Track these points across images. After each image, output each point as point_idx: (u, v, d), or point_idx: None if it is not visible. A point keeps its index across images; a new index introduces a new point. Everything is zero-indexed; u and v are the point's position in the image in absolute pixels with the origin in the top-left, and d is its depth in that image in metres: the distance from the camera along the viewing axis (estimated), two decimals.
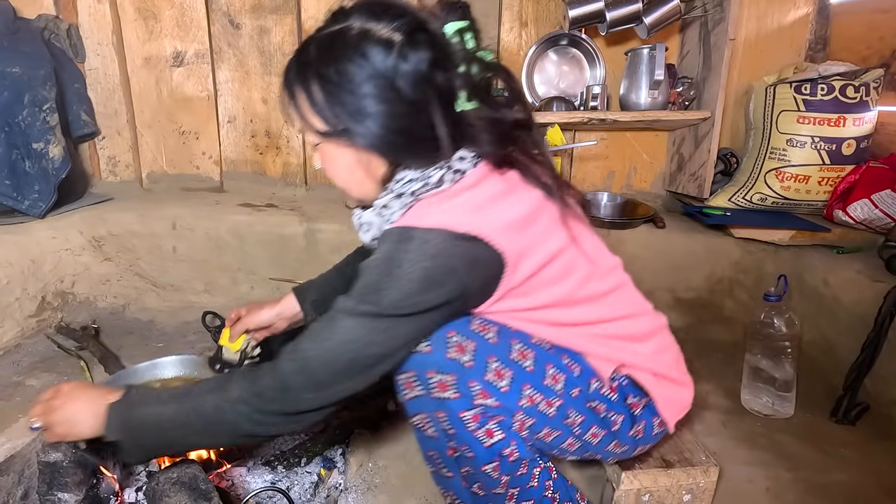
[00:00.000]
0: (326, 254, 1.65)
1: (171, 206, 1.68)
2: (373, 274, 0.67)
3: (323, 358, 0.66)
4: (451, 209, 0.70)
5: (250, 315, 1.05)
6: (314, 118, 0.70)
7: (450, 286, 0.66)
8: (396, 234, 0.69)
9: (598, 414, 0.80)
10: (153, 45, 1.76)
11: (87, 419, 0.72)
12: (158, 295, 1.68)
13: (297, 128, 0.81)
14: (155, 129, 1.84)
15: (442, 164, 0.72)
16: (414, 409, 0.74)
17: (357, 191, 0.77)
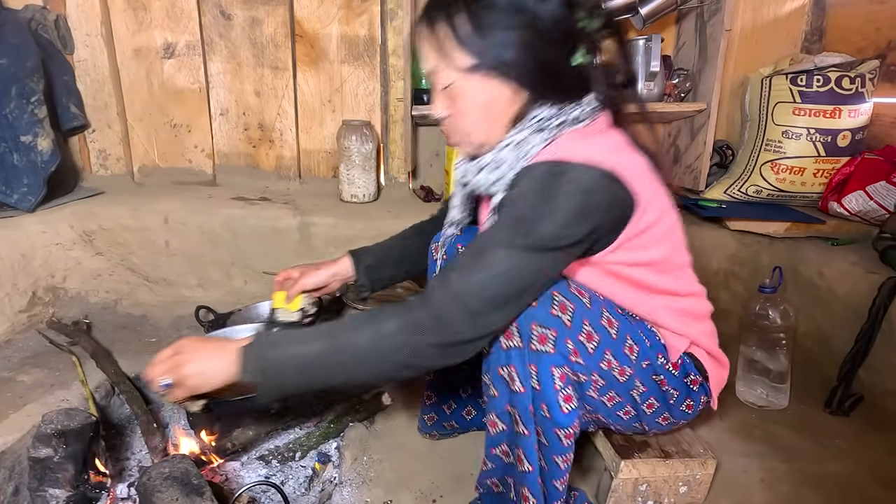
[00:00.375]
0: (321, 247, 1.64)
1: (163, 200, 1.66)
2: (527, 205, 0.69)
3: (476, 288, 0.67)
4: (595, 147, 0.73)
5: (306, 276, 1.07)
6: (457, 52, 0.72)
7: (594, 222, 0.70)
8: (547, 168, 0.70)
9: (661, 387, 0.84)
10: (143, 36, 1.74)
11: (220, 366, 0.71)
12: (151, 289, 1.66)
13: (426, 68, 0.77)
14: (146, 121, 1.82)
15: (576, 104, 0.75)
16: (504, 360, 0.76)
17: (485, 132, 0.77)
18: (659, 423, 0.89)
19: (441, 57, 0.74)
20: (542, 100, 0.75)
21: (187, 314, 1.56)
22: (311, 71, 1.81)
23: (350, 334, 0.70)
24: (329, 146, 1.88)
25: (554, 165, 0.70)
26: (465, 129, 0.78)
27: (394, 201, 1.83)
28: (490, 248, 0.69)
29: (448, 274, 0.70)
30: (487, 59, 0.72)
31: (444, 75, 0.75)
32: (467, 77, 0.74)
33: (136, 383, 1.28)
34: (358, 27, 1.77)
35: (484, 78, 0.73)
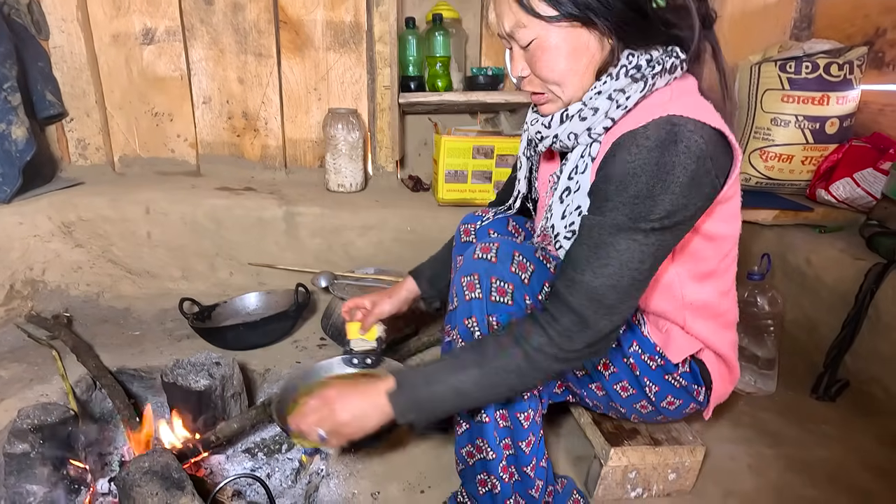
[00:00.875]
0: (306, 237, 1.62)
1: (144, 191, 1.62)
2: (641, 182, 0.66)
3: (609, 283, 0.67)
4: (699, 101, 0.71)
5: (381, 304, 1.08)
6: (542, 4, 0.69)
7: (708, 188, 0.69)
8: (658, 136, 0.66)
9: (633, 372, 0.84)
10: (121, 21, 1.69)
11: (374, 412, 0.74)
12: (134, 282, 1.63)
13: (507, 28, 0.74)
14: (126, 110, 1.77)
15: (664, 51, 0.72)
16: (468, 311, 0.78)
17: (577, 82, 0.74)
18: (638, 409, 0.88)
19: (523, 12, 0.71)
20: (630, 46, 0.72)
21: (171, 307, 1.53)
22: (296, 58, 1.77)
23: (499, 357, 0.71)
24: (315, 135, 1.85)
25: (665, 132, 0.65)
26: (553, 80, 0.74)
27: (381, 191, 1.81)
28: (612, 238, 0.67)
29: (572, 274, 0.69)
30: (572, 6, 0.69)
31: (526, 32, 0.72)
32: (551, 28, 0.71)
33: (118, 377, 1.26)
34: (343, 13, 1.73)
35: (568, 27, 0.70)
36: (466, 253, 0.82)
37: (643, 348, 0.84)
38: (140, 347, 1.40)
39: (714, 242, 0.78)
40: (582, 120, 0.74)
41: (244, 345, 1.39)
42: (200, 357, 1.13)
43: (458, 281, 0.81)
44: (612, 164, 0.68)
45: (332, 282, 1.49)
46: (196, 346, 1.39)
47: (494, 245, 0.79)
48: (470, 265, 0.79)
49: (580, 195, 0.76)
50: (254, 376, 1.32)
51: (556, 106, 0.78)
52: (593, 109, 0.73)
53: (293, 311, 1.41)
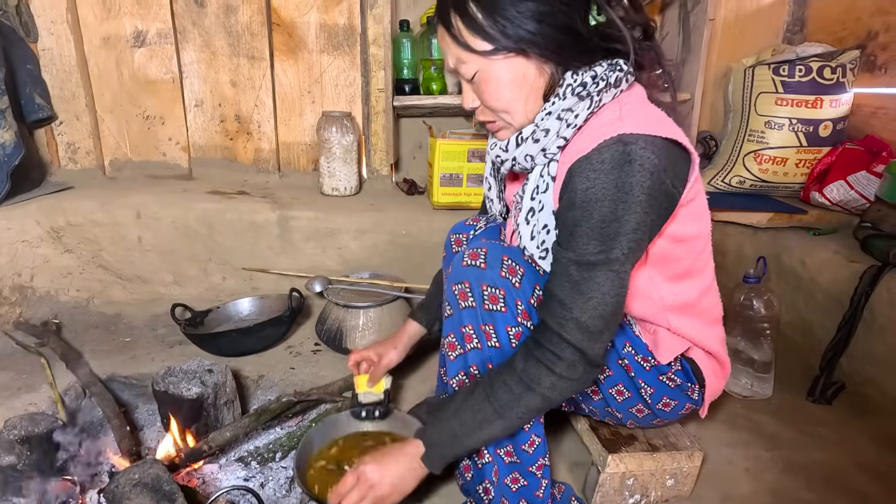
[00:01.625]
0: (300, 241, 1.60)
1: (135, 195, 1.60)
2: (605, 207, 0.68)
3: (595, 314, 0.70)
4: (649, 112, 0.74)
5: (387, 356, 1.09)
6: (476, 40, 0.72)
7: (664, 202, 0.71)
8: (612, 156, 0.67)
9: (628, 373, 0.84)
10: (112, 23, 1.67)
11: (411, 478, 0.78)
12: (124, 287, 1.61)
13: (451, 65, 0.78)
14: (117, 113, 1.75)
15: (608, 66, 0.74)
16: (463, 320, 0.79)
17: (523, 109, 0.77)
18: (634, 413, 0.88)
19: (461, 50, 0.74)
20: (571, 67, 0.74)
21: (163, 312, 1.51)
22: (290, 61, 1.75)
23: (518, 405, 0.73)
24: (309, 138, 1.83)
25: (618, 153, 0.67)
26: (501, 108, 0.78)
27: (376, 194, 1.80)
28: (590, 274, 0.69)
29: (562, 312, 0.70)
30: (505, 39, 0.71)
31: (467, 67, 0.75)
32: (490, 62, 0.74)
33: (109, 385, 1.24)
34: (337, 15, 1.72)
35: (506, 58, 0.73)
36: (455, 259, 0.82)
37: (636, 349, 0.84)
38: (131, 354, 1.38)
39: (684, 243, 0.79)
40: (535, 142, 0.76)
41: (237, 351, 1.37)
42: (192, 364, 1.11)
43: (449, 288, 0.80)
44: (572, 191, 0.70)
45: (327, 286, 1.48)
46: (188, 353, 1.38)
47: (482, 250, 0.79)
48: (459, 272, 0.79)
49: (545, 214, 0.78)
50: (247, 383, 1.31)
51: (510, 131, 0.80)
52: (545, 131, 0.75)
53: (287, 317, 1.39)
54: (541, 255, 0.78)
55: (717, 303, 0.90)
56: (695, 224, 0.79)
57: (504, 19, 0.70)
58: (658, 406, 0.86)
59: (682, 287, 0.83)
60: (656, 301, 0.82)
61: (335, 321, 1.42)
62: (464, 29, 0.73)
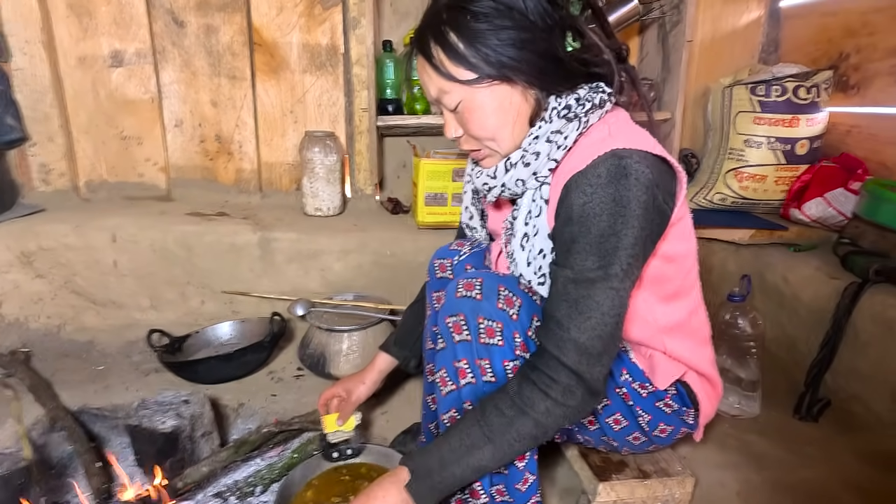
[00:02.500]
0: (282, 263, 1.57)
1: (110, 217, 1.55)
2: (603, 221, 0.67)
3: (594, 334, 0.68)
4: (636, 131, 0.74)
5: (356, 392, 1.06)
6: (458, 69, 0.72)
7: (658, 217, 0.71)
8: (608, 170, 0.67)
9: (625, 402, 0.82)
10: (88, 43, 1.64)
11: None
12: (98, 313, 1.55)
13: (433, 96, 0.78)
14: (92, 133, 1.71)
15: (590, 88, 0.74)
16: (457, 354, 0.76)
17: (510, 135, 0.76)
18: (630, 441, 0.87)
19: (443, 80, 0.74)
20: (554, 91, 0.74)
21: (139, 338, 1.46)
22: (272, 80, 1.74)
23: (509, 431, 0.70)
24: (291, 158, 1.81)
25: (613, 166, 0.67)
26: (486, 136, 0.77)
27: (360, 214, 1.78)
28: (589, 291, 0.67)
29: (559, 333, 0.68)
30: (488, 67, 0.71)
31: (450, 97, 0.75)
32: (473, 91, 0.73)
33: (79, 417, 1.18)
34: (320, 35, 1.71)
35: (489, 86, 0.73)
36: (448, 290, 0.79)
37: (633, 375, 0.82)
38: (104, 383, 1.32)
39: (674, 262, 0.79)
40: (526, 166, 0.75)
41: (216, 378, 1.32)
42: (168, 395, 1.07)
43: (442, 321, 0.78)
44: (569, 207, 0.69)
45: (309, 310, 1.44)
46: (165, 381, 1.33)
47: (478, 280, 0.77)
48: (454, 304, 0.77)
49: (540, 239, 0.77)
50: (226, 412, 1.26)
51: (496, 159, 0.80)
52: (535, 154, 0.75)
53: (268, 342, 1.35)
54: (539, 281, 0.77)
55: (706, 322, 0.90)
56: (683, 243, 0.79)
57: (486, 47, 0.70)
58: (655, 433, 0.84)
59: (673, 307, 0.82)
60: (651, 323, 0.81)
61: (318, 345, 1.38)
62: (445, 59, 0.72)
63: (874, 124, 1.58)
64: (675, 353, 0.82)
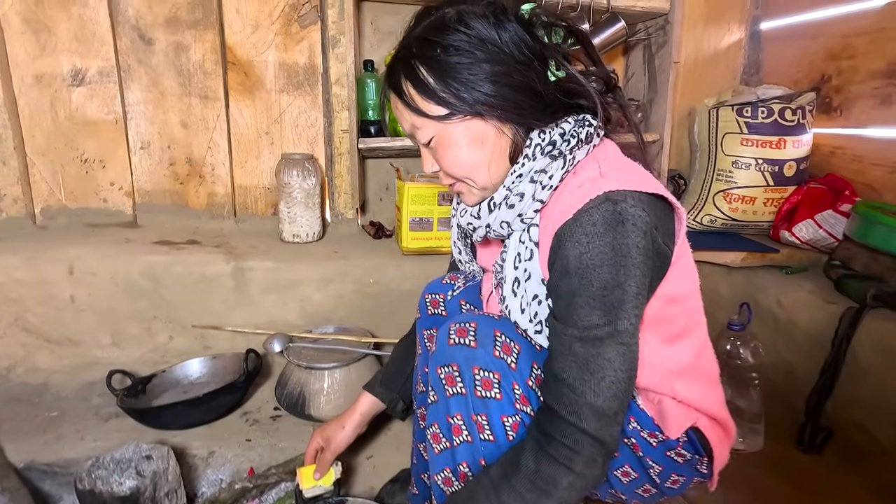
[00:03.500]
0: (258, 294, 1.47)
1: (68, 247, 1.43)
2: (604, 273, 0.62)
3: (609, 395, 0.63)
4: (628, 168, 0.70)
5: (335, 440, 0.98)
6: (430, 105, 0.69)
7: (658, 261, 0.67)
8: (604, 217, 0.63)
9: (635, 453, 0.76)
10: (46, 61, 1.53)
11: None
12: (53, 352, 1.42)
13: (406, 132, 0.75)
14: (50, 156, 1.59)
15: (575, 122, 0.70)
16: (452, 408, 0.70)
17: (486, 173, 0.72)
18: (640, 493, 0.80)
19: (414, 116, 0.71)
20: (534, 126, 0.70)
21: (98, 379, 1.34)
22: (246, 100, 1.66)
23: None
24: (268, 181, 1.72)
25: (608, 213, 0.63)
26: (461, 174, 0.73)
27: (341, 239, 1.69)
28: (598, 350, 0.62)
29: (573, 398, 0.63)
30: (459, 103, 0.68)
31: (423, 132, 0.72)
32: (445, 126, 0.70)
33: (26, 475, 1.06)
34: (297, 54, 1.64)
35: (462, 122, 0.69)
36: (440, 337, 0.72)
37: (642, 424, 0.76)
38: (56, 433, 1.20)
39: (677, 303, 0.74)
40: (510, 207, 0.71)
41: (184, 424, 1.21)
42: (127, 451, 0.96)
43: (433, 372, 0.71)
44: (564, 258, 0.64)
45: (287, 345, 1.35)
46: (126, 427, 1.21)
47: (471, 325, 0.70)
48: (446, 353, 0.70)
49: (533, 284, 0.71)
50: (195, 462, 1.15)
51: (476, 196, 0.75)
52: (519, 195, 0.71)
53: (242, 383, 1.25)
54: (535, 329, 0.70)
55: (714, 360, 0.84)
56: (684, 281, 0.74)
57: (457, 82, 0.67)
58: (666, 484, 0.78)
59: (678, 349, 0.76)
60: (657, 367, 0.75)
61: (297, 384, 1.28)
62: (415, 94, 0.69)
63: (859, 146, 1.58)
64: (685, 398, 0.76)
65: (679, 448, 0.77)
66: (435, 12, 0.70)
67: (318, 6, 1.61)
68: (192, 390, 1.33)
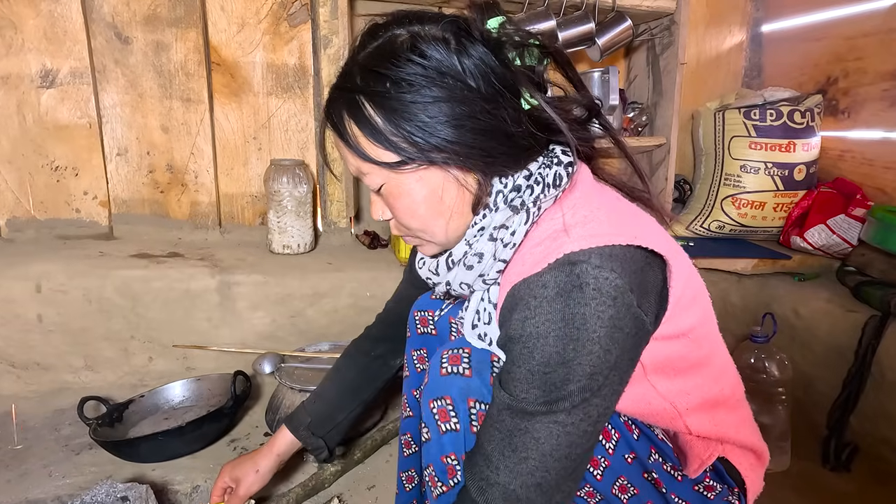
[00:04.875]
0: (245, 310, 1.36)
1: (35, 262, 1.31)
2: (550, 347, 0.51)
3: (532, 480, 0.53)
4: (595, 215, 0.57)
5: (246, 481, 0.87)
6: (377, 150, 0.57)
7: (636, 328, 0.54)
8: (557, 284, 0.52)
9: (658, 488, 0.66)
10: (12, 61, 1.41)
11: None
12: (18, 377, 1.29)
13: (352, 170, 0.62)
14: (17, 164, 1.47)
15: (543, 160, 0.60)
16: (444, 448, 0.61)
17: (442, 227, 0.61)
18: None
19: (360, 159, 0.59)
20: (502, 174, 0.60)
21: (69, 406, 1.22)
22: (232, 104, 1.56)
23: None
24: (255, 189, 1.62)
25: (564, 276, 0.52)
26: (417, 227, 0.62)
27: (334, 250, 1.60)
28: (526, 424, 0.52)
29: (486, 473, 0.54)
30: (413, 149, 0.56)
31: (372, 178, 0.60)
32: (398, 175, 0.58)
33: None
34: (286, 55, 1.56)
35: (417, 171, 0.58)
36: (432, 366, 0.63)
37: (664, 456, 0.67)
38: (20, 469, 1.07)
39: (684, 337, 0.62)
40: (469, 268, 0.61)
41: (165, 456, 1.10)
42: (98, 493, 0.85)
43: (426, 406, 0.62)
44: (510, 324, 0.54)
45: (279, 365, 1.24)
46: (101, 460, 1.10)
47: (465, 351, 0.62)
48: (439, 385, 0.61)
49: (495, 347, 0.62)
50: (178, 498, 1.03)
51: (433, 248, 0.65)
52: (478, 255, 0.61)
53: (229, 408, 1.14)
54: None
55: (737, 382, 0.74)
56: (689, 314, 0.62)
57: (411, 125, 0.55)
58: None
59: (693, 383, 0.65)
60: (669, 410, 0.65)
61: (289, 407, 1.18)
62: (361, 137, 0.57)
63: (868, 149, 1.55)
64: (703, 432, 0.67)
65: (707, 480, 0.69)
66: (383, 33, 0.58)
67: (308, 4, 1.53)
68: (174, 416, 1.22)
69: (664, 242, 0.58)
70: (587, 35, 1.43)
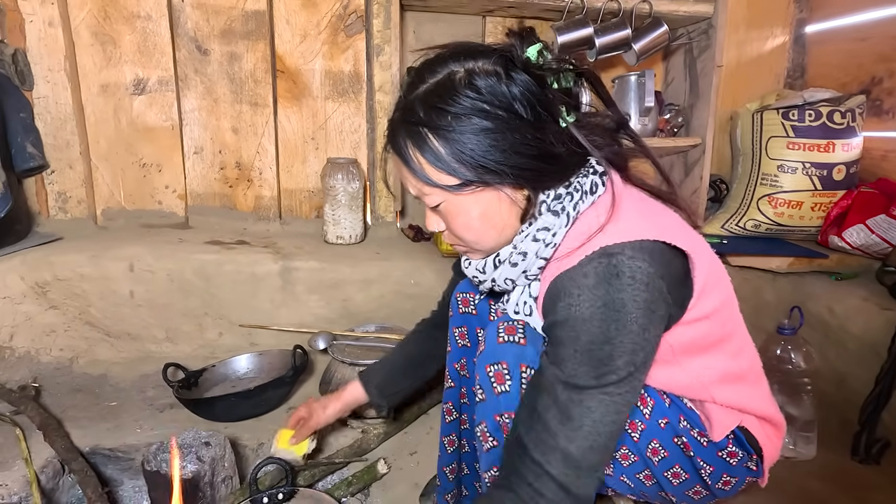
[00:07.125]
0: (304, 294, 1.51)
1: (128, 246, 1.51)
2: (595, 328, 0.60)
3: (586, 446, 0.61)
4: (629, 216, 0.66)
5: (316, 415, 1.03)
6: (440, 175, 0.66)
7: (665, 307, 0.63)
8: (597, 272, 0.61)
9: (685, 452, 0.75)
10: (111, 71, 1.63)
11: None
12: (112, 345, 1.49)
13: (413, 192, 0.71)
14: (112, 161, 1.68)
15: (581, 170, 0.69)
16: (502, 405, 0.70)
17: (495, 237, 0.71)
18: (690, 496, 0.79)
19: (422, 182, 0.67)
20: (550, 188, 0.68)
21: (153, 372, 1.40)
22: (293, 107, 1.72)
23: None
24: (312, 185, 1.78)
25: (602, 266, 0.60)
26: (471, 239, 0.71)
27: (381, 242, 1.73)
28: (580, 397, 0.61)
29: (545, 438, 0.62)
30: (472, 173, 0.64)
31: (432, 198, 0.69)
32: (456, 195, 0.67)
33: (91, 459, 1.11)
34: (343, 63, 1.70)
35: (474, 192, 0.66)
36: (489, 334, 0.73)
37: (692, 423, 0.75)
38: (116, 421, 1.26)
39: (708, 319, 0.70)
40: (514, 266, 0.70)
41: (235, 416, 1.25)
42: (188, 437, 1.00)
43: (482, 369, 0.72)
44: (555, 311, 0.63)
45: (331, 343, 1.38)
46: (179, 418, 1.26)
47: (520, 323, 0.71)
48: (495, 351, 0.71)
49: None
50: (245, 452, 1.19)
51: (481, 255, 0.75)
52: (522, 254, 0.69)
53: (290, 377, 1.29)
54: None
55: (756, 359, 0.81)
56: (712, 298, 0.70)
57: (471, 154, 0.63)
58: (718, 485, 0.77)
59: (715, 358, 0.74)
60: (695, 382, 0.74)
61: (340, 379, 1.31)
62: (426, 164, 0.65)
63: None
64: (726, 402, 0.75)
65: (730, 445, 0.76)
66: (440, 69, 0.65)
67: (363, 16, 1.67)
68: (240, 385, 1.38)
69: (685, 238, 0.67)
70: (624, 41, 1.50)
